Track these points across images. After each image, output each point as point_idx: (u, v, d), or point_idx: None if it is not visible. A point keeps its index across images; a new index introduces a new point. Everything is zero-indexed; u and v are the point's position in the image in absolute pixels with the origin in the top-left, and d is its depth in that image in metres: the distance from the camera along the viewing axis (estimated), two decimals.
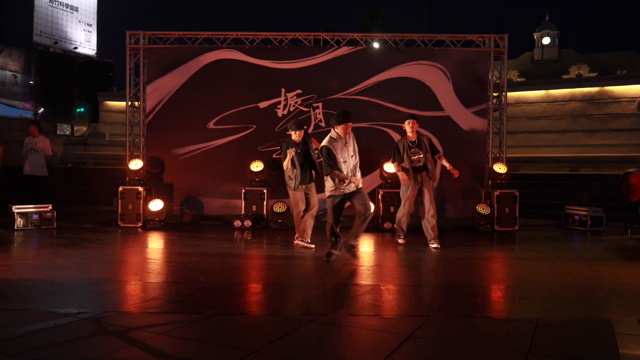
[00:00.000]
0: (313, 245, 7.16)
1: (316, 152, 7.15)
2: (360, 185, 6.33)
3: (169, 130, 9.83)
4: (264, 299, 4.72)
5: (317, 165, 7.13)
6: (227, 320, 4.08)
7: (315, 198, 7.27)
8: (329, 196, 6.34)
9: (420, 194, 7.45)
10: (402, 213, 7.54)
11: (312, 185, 7.25)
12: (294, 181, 7.13)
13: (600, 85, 15.87)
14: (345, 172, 6.23)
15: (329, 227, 6.36)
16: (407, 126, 7.49)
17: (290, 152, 7.05)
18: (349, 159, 6.28)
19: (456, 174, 7.27)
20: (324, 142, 6.28)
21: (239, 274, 5.83)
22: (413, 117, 7.56)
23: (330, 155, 6.17)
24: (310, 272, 5.97)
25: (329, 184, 6.31)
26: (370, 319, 4.19)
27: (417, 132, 7.55)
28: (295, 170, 7.12)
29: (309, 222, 7.25)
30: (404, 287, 5.30)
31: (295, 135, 7.20)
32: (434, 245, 7.27)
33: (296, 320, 4.07)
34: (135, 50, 9.87)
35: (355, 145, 6.42)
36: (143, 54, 9.82)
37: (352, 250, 6.36)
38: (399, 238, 7.63)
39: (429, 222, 7.35)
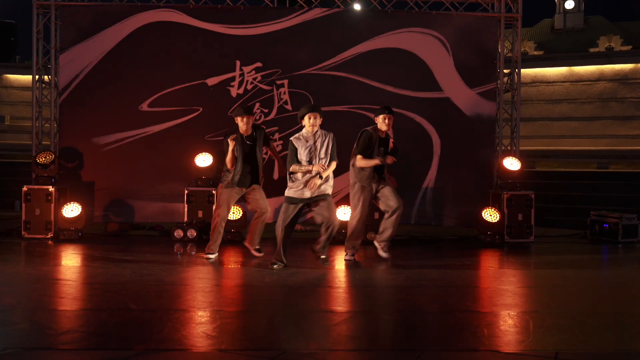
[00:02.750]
0: (261, 254, 7.69)
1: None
2: (326, 192, 6.96)
3: (89, 113, 9.68)
4: (212, 331, 4.71)
5: (259, 168, 7.56)
6: (164, 359, 4.05)
7: (264, 201, 7.63)
8: (285, 197, 6.98)
9: (375, 196, 7.63)
10: (356, 221, 7.61)
11: (256, 189, 7.60)
12: (230, 176, 7.47)
13: (635, 61, 16.25)
14: (305, 176, 6.86)
15: (278, 232, 7.00)
16: (382, 122, 7.51)
17: (232, 142, 7.36)
18: (316, 160, 6.85)
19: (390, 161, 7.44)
20: (291, 137, 7.00)
21: (179, 298, 5.80)
22: (390, 110, 7.58)
23: (291, 150, 6.91)
24: (272, 295, 5.97)
25: (289, 183, 7.00)
26: (349, 355, 4.22)
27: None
28: (236, 164, 7.45)
29: (259, 228, 7.73)
30: (390, 314, 5.34)
31: (242, 123, 7.49)
32: (383, 254, 7.62)
33: (254, 357, 4.06)
34: (45, 9, 9.70)
35: (330, 145, 6.94)
36: (55, 14, 9.66)
37: (326, 262, 7.21)
38: (347, 255, 7.67)
39: (390, 220, 7.57)
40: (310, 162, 6.85)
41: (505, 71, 10.20)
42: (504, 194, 9.34)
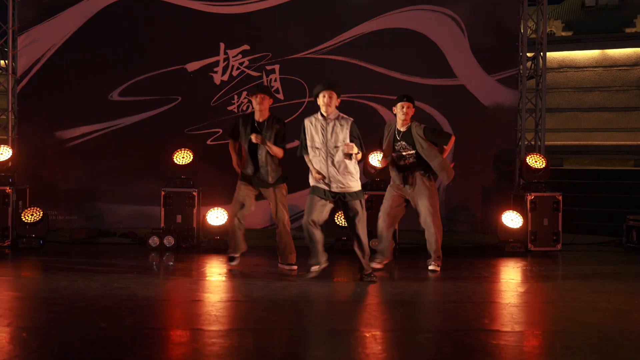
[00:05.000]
0: (295, 267, 7.55)
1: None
2: (352, 189, 6.92)
3: (51, 103, 9.70)
4: (192, 352, 4.72)
5: (267, 167, 7.45)
6: None
7: (280, 209, 7.52)
8: (310, 187, 7.05)
9: (408, 203, 7.85)
10: (380, 227, 7.81)
11: (268, 192, 7.51)
12: (245, 168, 7.54)
13: None
14: (316, 164, 6.87)
15: (304, 227, 6.95)
16: (399, 111, 7.67)
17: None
18: (326, 147, 6.86)
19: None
20: (306, 118, 7.10)
21: (156, 316, 5.80)
22: (409, 98, 7.69)
23: (302, 132, 7.02)
24: (261, 312, 5.98)
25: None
26: None
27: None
28: (245, 156, 7.50)
29: (285, 239, 7.63)
30: (397, 333, 5.35)
31: (255, 103, 7.49)
32: (431, 267, 7.72)
33: None
34: None
35: (347, 133, 6.91)
36: None
37: (369, 278, 7.07)
38: (374, 262, 7.80)
39: (429, 237, 7.75)
40: (317, 148, 6.88)
41: (528, 55, 10.21)
42: (527, 196, 9.35)
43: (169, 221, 9.24)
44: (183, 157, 9.33)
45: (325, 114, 6.92)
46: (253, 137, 7.29)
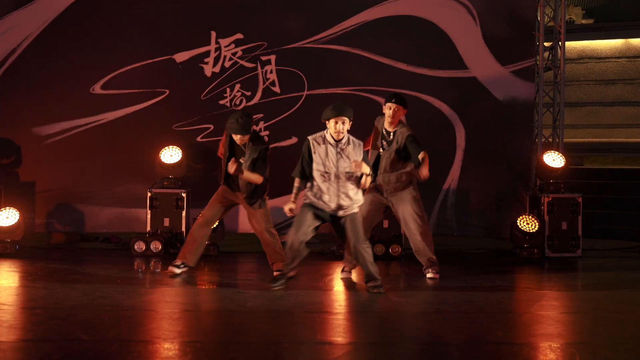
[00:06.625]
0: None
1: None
2: (353, 210, 6.89)
3: (28, 97, 9.69)
4: None
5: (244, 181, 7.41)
6: None
7: (257, 221, 7.57)
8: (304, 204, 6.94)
9: (388, 212, 7.90)
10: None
11: (242, 198, 7.51)
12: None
13: None
14: (322, 187, 6.78)
15: (289, 239, 6.89)
16: (386, 110, 7.63)
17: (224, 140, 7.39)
18: (334, 169, 6.77)
19: (424, 173, 7.38)
20: (312, 137, 6.94)
21: (141, 327, 5.80)
22: (398, 99, 7.62)
23: (303, 153, 6.86)
24: (255, 323, 5.98)
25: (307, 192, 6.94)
26: None
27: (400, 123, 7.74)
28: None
29: (268, 251, 7.65)
30: (402, 346, 5.35)
31: (237, 138, 7.40)
32: (430, 275, 7.70)
33: None
34: None
35: (357, 157, 6.81)
36: None
37: (375, 290, 6.96)
38: (343, 271, 7.84)
39: (415, 244, 7.72)
40: (327, 172, 6.78)
41: (545, 44, 10.21)
42: (545, 198, 9.35)
43: (155, 225, 9.24)
44: (171, 155, 9.32)
45: (336, 138, 6.83)
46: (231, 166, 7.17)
